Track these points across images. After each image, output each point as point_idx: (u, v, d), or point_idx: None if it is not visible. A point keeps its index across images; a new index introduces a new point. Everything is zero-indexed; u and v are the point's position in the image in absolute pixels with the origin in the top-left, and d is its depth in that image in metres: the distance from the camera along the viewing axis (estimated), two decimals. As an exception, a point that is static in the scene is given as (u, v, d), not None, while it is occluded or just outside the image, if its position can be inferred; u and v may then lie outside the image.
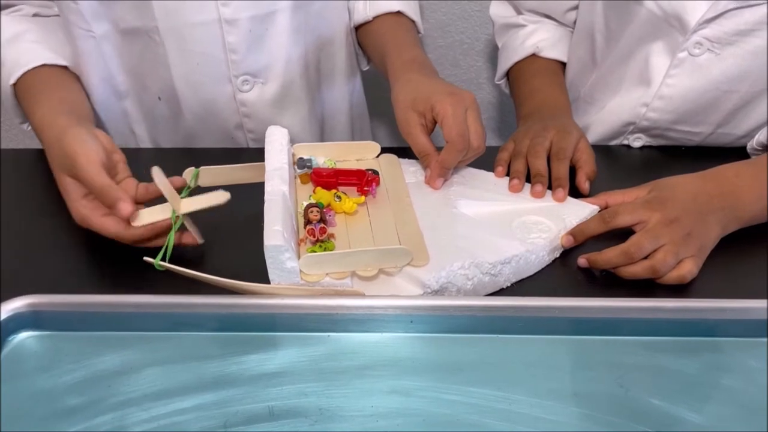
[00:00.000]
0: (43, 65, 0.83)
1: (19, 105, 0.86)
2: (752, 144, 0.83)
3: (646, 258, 0.65)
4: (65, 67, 0.85)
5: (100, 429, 0.50)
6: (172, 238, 0.66)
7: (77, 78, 0.87)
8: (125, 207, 0.63)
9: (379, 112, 1.17)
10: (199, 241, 0.69)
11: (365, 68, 1.05)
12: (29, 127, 0.90)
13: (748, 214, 0.70)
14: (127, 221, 0.66)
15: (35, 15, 0.88)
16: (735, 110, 0.84)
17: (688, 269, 0.65)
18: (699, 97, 0.83)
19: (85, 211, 0.67)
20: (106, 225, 0.67)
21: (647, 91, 0.85)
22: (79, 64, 0.87)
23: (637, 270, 0.65)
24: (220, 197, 0.66)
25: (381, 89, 0.86)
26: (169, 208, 0.66)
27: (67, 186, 0.68)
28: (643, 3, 0.81)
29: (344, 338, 0.57)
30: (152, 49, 0.86)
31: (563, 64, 0.98)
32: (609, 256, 0.66)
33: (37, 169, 0.86)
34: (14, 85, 0.83)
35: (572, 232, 0.69)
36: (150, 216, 0.66)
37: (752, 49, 0.78)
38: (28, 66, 0.82)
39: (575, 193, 0.75)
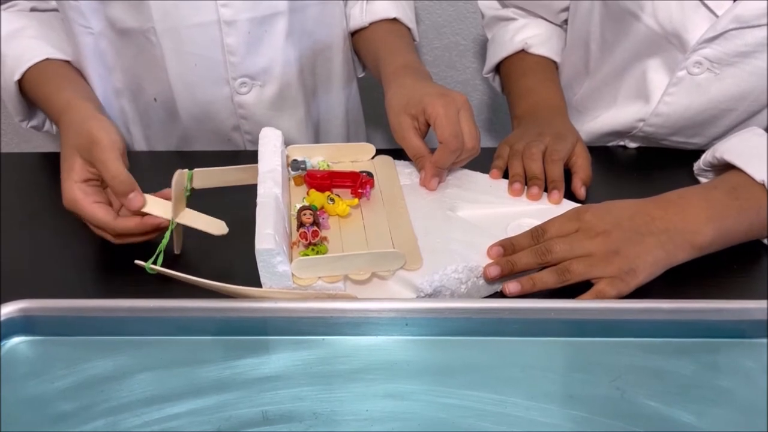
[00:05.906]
0: (47, 59, 0.82)
1: (22, 101, 0.85)
2: (698, 164, 0.75)
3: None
4: (68, 62, 0.85)
5: (93, 434, 0.50)
6: (165, 242, 0.65)
7: (80, 73, 0.87)
8: (138, 198, 0.65)
9: (375, 116, 1.17)
10: (176, 251, 0.68)
11: (361, 75, 1.05)
12: (28, 125, 0.89)
13: (702, 238, 0.63)
14: (117, 213, 0.66)
15: (32, 9, 0.87)
16: (732, 126, 0.83)
17: (599, 290, 0.61)
18: (696, 114, 0.82)
19: (79, 194, 0.66)
20: (96, 212, 0.66)
21: (645, 107, 0.84)
22: (79, 60, 0.87)
23: (544, 276, 0.62)
24: (220, 228, 0.67)
25: (377, 94, 0.86)
26: (170, 210, 0.66)
27: (73, 165, 0.67)
28: (642, 18, 0.79)
29: (339, 341, 0.57)
30: (148, 51, 0.86)
31: (554, 61, 0.96)
32: (522, 254, 0.63)
33: (30, 175, 0.86)
34: (19, 81, 0.82)
35: (502, 243, 0.64)
36: (153, 205, 0.66)
37: (752, 69, 0.77)
38: (32, 61, 0.82)
39: (570, 196, 0.74)
